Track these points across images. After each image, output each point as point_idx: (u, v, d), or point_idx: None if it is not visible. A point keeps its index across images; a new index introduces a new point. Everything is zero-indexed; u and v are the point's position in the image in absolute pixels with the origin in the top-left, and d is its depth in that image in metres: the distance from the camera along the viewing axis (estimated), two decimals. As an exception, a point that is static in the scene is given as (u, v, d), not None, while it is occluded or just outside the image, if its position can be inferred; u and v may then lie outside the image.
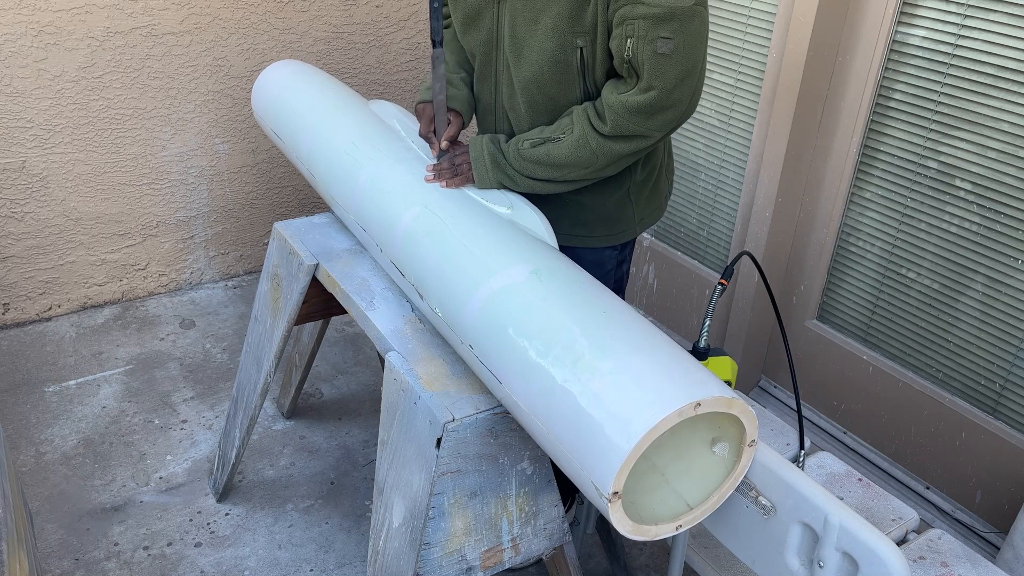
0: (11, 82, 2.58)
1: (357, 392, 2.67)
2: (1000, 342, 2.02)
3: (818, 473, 1.71)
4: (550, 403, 1.23)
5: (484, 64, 1.62)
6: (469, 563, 1.54)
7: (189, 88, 2.86)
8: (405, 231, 1.58)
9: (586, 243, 1.72)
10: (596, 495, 1.17)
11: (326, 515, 2.20)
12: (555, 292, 1.34)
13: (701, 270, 2.70)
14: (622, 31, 1.40)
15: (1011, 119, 1.88)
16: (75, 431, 2.43)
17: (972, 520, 2.13)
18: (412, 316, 1.67)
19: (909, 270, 2.17)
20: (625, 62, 1.42)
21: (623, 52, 1.41)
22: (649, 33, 1.38)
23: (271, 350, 1.95)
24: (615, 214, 1.69)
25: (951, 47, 1.94)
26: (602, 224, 1.69)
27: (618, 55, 1.43)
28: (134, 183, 2.90)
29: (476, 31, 1.59)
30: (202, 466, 2.33)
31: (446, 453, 1.42)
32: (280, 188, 3.20)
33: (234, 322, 2.96)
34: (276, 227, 1.96)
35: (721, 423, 1.27)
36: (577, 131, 1.49)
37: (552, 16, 1.45)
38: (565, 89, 1.53)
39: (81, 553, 2.06)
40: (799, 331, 2.47)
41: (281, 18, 2.93)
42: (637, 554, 2.13)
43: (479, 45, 1.60)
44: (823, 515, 1.20)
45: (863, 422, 2.35)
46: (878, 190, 2.19)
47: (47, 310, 2.92)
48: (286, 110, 2.01)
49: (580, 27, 1.45)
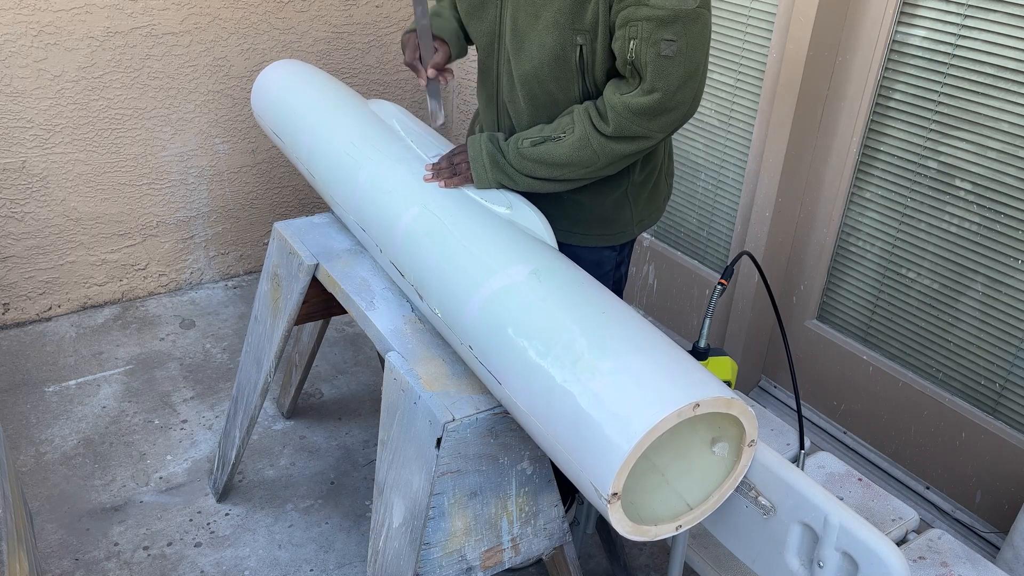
0: (11, 82, 2.58)
1: (357, 392, 2.67)
2: (1000, 342, 2.02)
3: (818, 473, 1.71)
4: (550, 403, 1.23)
5: (486, 56, 1.63)
6: (469, 563, 1.54)
7: (189, 88, 2.86)
8: (405, 231, 1.58)
9: (584, 242, 1.72)
10: (596, 496, 1.17)
11: (326, 515, 2.20)
12: (555, 292, 1.34)
13: (701, 270, 2.70)
14: (625, 32, 1.40)
15: (1011, 119, 1.88)
16: (75, 431, 2.43)
17: (972, 520, 2.13)
18: (412, 316, 1.67)
19: (909, 270, 2.17)
20: (628, 63, 1.42)
21: (626, 53, 1.41)
22: (653, 35, 1.37)
23: (271, 350, 1.95)
24: (613, 215, 1.68)
25: (951, 47, 1.94)
26: (600, 224, 1.69)
27: (621, 56, 1.43)
28: (134, 183, 2.90)
29: (479, 22, 1.59)
30: (202, 466, 2.33)
31: (446, 453, 1.42)
32: (280, 188, 3.20)
33: (234, 322, 2.96)
34: (276, 227, 1.96)
35: (721, 423, 1.27)
36: (579, 131, 1.49)
37: (553, 11, 1.45)
38: (564, 85, 1.53)
39: (81, 553, 2.06)
40: (799, 331, 2.47)
41: (281, 18, 2.93)
42: (637, 554, 2.13)
43: (481, 36, 1.60)
44: (823, 515, 1.20)
45: (863, 422, 2.35)
46: (878, 190, 2.19)
47: (47, 310, 2.92)
48: (286, 110, 2.01)
49: (580, 24, 1.45)
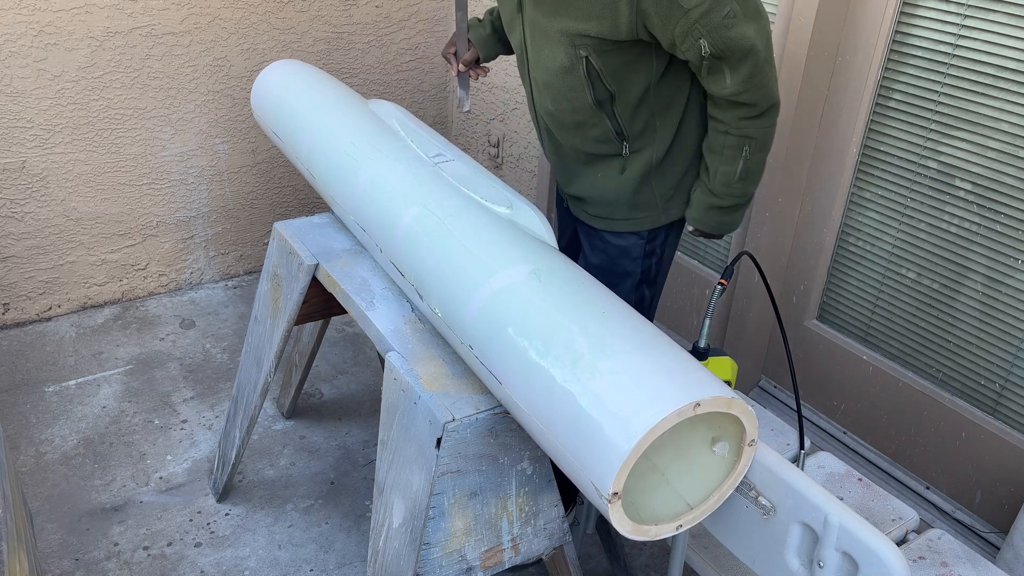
0: (11, 82, 2.58)
1: (357, 392, 2.67)
2: (1000, 342, 2.02)
3: (818, 473, 1.71)
4: (550, 403, 1.23)
5: (520, 64, 1.77)
6: (469, 563, 1.54)
7: (189, 88, 2.86)
8: (405, 231, 1.58)
9: (612, 227, 1.79)
10: (596, 495, 1.17)
11: (326, 515, 2.20)
12: (555, 292, 1.34)
13: (701, 270, 2.70)
14: (691, 41, 1.47)
15: (1011, 119, 1.88)
16: (75, 431, 2.43)
17: (972, 520, 2.13)
18: (412, 316, 1.67)
19: (909, 270, 2.17)
20: (707, 59, 1.50)
21: (702, 52, 1.48)
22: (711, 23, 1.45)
23: (271, 350, 1.95)
24: (636, 199, 1.74)
25: (951, 47, 1.94)
26: (625, 208, 1.76)
27: (698, 59, 1.50)
28: (134, 183, 2.90)
29: (512, 35, 1.74)
30: (202, 466, 2.33)
31: (446, 453, 1.42)
32: (280, 188, 3.20)
33: (234, 322, 2.96)
34: (276, 227, 1.96)
35: (721, 423, 1.27)
36: (735, 142, 1.60)
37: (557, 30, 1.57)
38: (577, 93, 1.63)
39: (81, 553, 2.06)
40: (799, 331, 2.47)
41: (281, 18, 2.93)
42: (637, 554, 2.13)
43: (516, 48, 1.75)
44: (823, 515, 1.20)
45: (863, 422, 2.35)
46: (878, 190, 2.19)
47: (47, 310, 2.92)
48: (286, 110, 2.01)
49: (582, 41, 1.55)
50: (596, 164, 1.75)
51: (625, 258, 1.81)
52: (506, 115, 3.19)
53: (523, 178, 3.21)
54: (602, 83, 1.60)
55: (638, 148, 1.69)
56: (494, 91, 3.21)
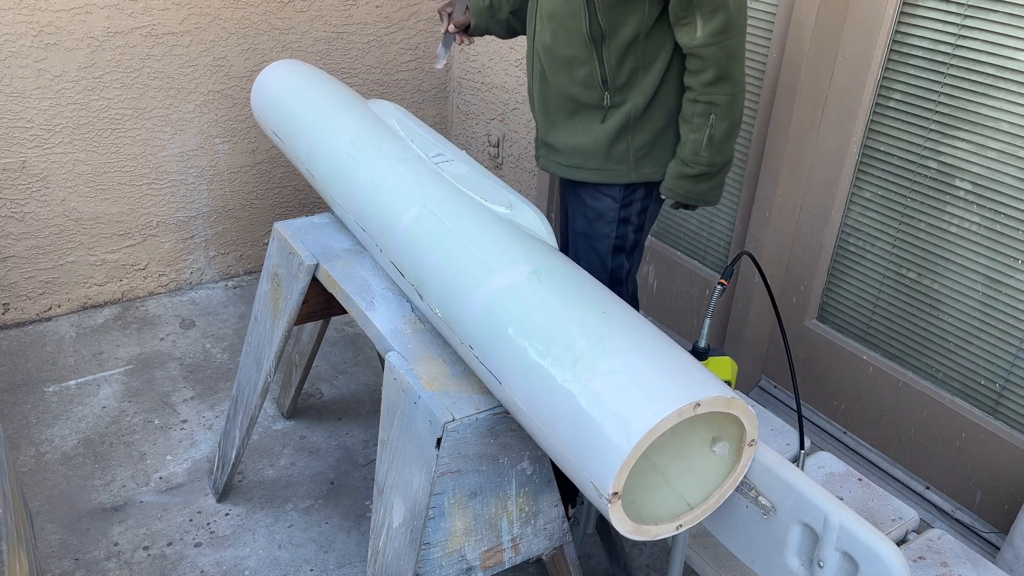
0: (11, 82, 2.58)
1: (357, 392, 2.67)
2: (1000, 342, 2.02)
3: (818, 473, 1.71)
4: (550, 403, 1.23)
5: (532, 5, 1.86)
6: (469, 563, 1.54)
7: (189, 88, 2.86)
8: (405, 231, 1.58)
9: (585, 178, 1.86)
10: (596, 495, 1.17)
11: (326, 515, 2.20)
12: (555, 292, 1.34)
13: (701, 270, 2.70)
14: None
15: (1011, 119, 1.88)
16: (75, 431, 2.43)
17: (972, 520, 2.13)
18: (412, 316, 1.67)
19: (909, 270, 2.17)
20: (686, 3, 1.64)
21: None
22: None
23: (271, 350, 1.95)
24: (610, 149, 1.82)
25: (951, 47, 1.94)
26: (598, 157, 1.83)
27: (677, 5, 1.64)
28: (134, 183, 2.90)
29: None
30: (202, 466, 2.33)
31: (446, 453, 1.42)
32: (280, 188, 3.20)
33: (234, 322, 2.96)
34: (276, 227, 1.96)
35: (721, 423, 1.27)
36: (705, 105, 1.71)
37: None
38: (576, 22, 1.73)
39: (81, 553, 2.06)
40: (799, 331, 2.47)
41: (281, 18, 2.93)
42: (637, 554, 2.13)
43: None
44: (823, 515, 1.20)
45: (863, 422, 2.35)
46: (878, 190, 2.19)
47: (47, 310, 2.92)
48: (286, 110, 2.01)
49: None
50: (578, 116, 1.83)
51: (600, 221, 1.90)
52: (506, 115, 3.19)
53: (523, 178, 3.21)
54: (597, 20, 1.69)
55: (618, 103, 1.78)
56: (494, 91, 3.21)
